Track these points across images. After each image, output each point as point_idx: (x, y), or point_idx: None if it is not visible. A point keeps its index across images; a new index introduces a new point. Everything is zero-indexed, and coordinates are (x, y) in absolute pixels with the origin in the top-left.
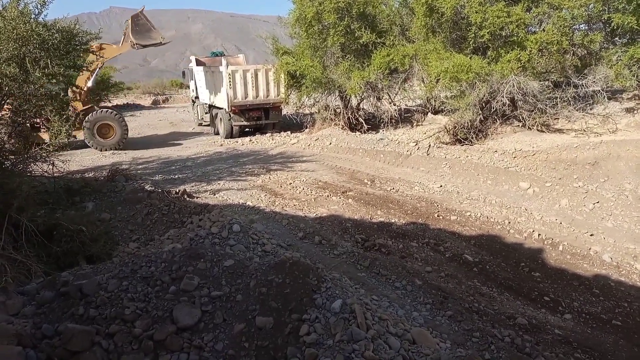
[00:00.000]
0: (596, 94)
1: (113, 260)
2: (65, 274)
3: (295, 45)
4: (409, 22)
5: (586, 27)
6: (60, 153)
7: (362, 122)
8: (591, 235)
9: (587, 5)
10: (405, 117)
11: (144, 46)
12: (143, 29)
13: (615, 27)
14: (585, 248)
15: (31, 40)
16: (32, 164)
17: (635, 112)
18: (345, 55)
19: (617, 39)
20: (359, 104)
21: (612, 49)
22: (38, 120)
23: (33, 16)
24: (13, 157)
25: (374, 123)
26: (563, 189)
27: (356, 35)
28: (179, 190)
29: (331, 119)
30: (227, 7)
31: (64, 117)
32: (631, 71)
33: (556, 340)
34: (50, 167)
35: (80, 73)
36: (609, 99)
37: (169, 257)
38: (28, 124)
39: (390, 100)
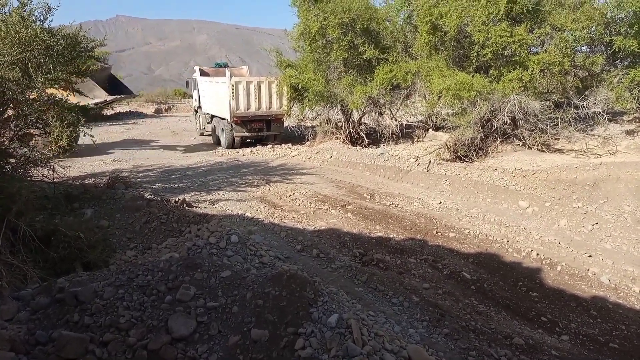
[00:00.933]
0: (597, 116)
1: (110, 268)
2: (61, 280)
3: (298, 59)
4: (412, 39)
5: (588, 49)
6: (61, 159)
7: (363, 137)
8: (589, 256)
9: (589, 27)
10: (406, 133)
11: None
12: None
13: (616, 50)
14: (583, 269)
15: (35, 45)
16: (33, 169)
17: (636, 134)
18: (348, 70)
19: (618, 61)
20: (360, 118)
21: (613, 71)
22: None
23: (38, 22)
24: (14, 161)
25: (375, 138)
26: (562, 209)
27: (359, 50)
28: (178, 199)
29: (332, 133)
30: (232, 19)
31: (66, 122)
32: (632, 94)
33: None
34: (51, 172)
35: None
36: (610, 120)
37: (166, 266)
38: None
39: (391, 115)
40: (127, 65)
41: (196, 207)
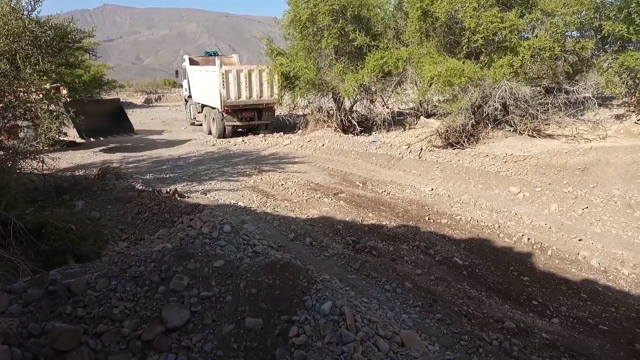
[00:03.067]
0: (587, 101)
1: (102, 260)
2: (54, 272)
3: (289, 47)
4: (403, 25)
5: (578, 34)
6: (51, 150)
7: (355, 125)
8: (580, 240)
9: (579, 12)
10: (397, 120)
11: None
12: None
13: (606, 35)
14: (573, 253)
15: (23, 36)
16: (22, 161)
17: (625, 119)
18: (339, 58)
19: (608, 46)
20: (352, 106)
21: (602, 56)
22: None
23: (26, 13)
24: (2, 153)
25: (366, 125)
26: (553, 194)
27: (350, 37)
28: (170, 190)
29: (324, 121)
30: (221, 7)
31: (54, 114)
32: (621, 78)
33: (544, 344)
34: (40, 164)
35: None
36: (599, 105)
37: (159, 256)
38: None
39: (383, 103)
40: (115, 55)
41: (188, 197)
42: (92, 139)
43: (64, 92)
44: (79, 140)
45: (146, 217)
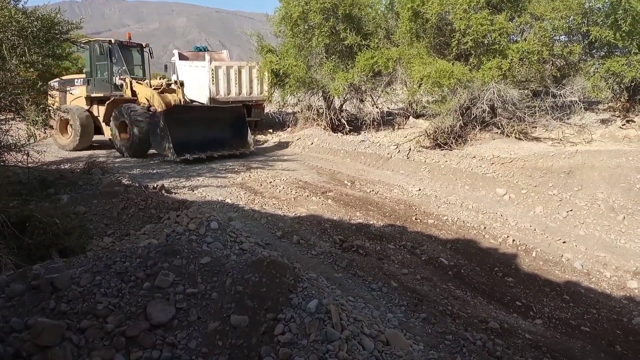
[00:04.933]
0: (573, 105)
1: (87, 255)
2: (37, 267)
3: (280, 44)
4: (394, 25)
5: (566, 39)
6: (36, 143)
7: (344, 124)
8: (564, 242)
9: (568, 17)
10: (387, 120)
11: None
12: None
13: (593, 40)
14: (557, 255)
15: (9, 27)
16: (6, 154)
17: (610, 123)
18: (330, 56)
19: (595, 51)
20: (341, 105)
21: (589, 61)
22: None
23: (12, 2)
24: None
25: (356, 125)
26: (538, 196)
27: (341, 36)
28: (157, 185)
29: (314, 119)
30: (212, 2)
31: (41, 107)
32: (607, 83)
33: (526, 344)
34: (25, 157)
35: None
36: (586, 109)
37: (144, 252)
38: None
39: (373, 102)
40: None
41: (175, 193)
42: (188, 157)
43: (155, 100)
44: (170, 155)
45: (132, 212)
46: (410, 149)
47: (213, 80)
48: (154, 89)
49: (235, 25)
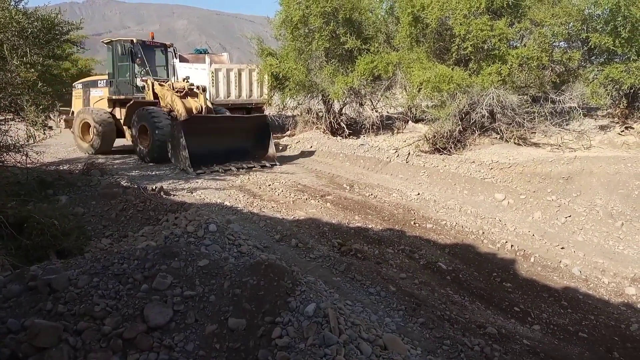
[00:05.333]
0: (572, 111)
1: (85, 256)
2: (35, 268)
3: (280, 47)
4: (394, 30)
5: (566, 45)
6: (35, 144)
7: (343, 127)
8: (562, 248)
9: (567, 23)
10: (386, 124)
11: None
12: None
13: (592, 47)
14: (555, 261)
15: (9, 27)
16: (5, 154)
17: (609, 129)
18: (330, 60)
19: (594, 58)
20: (341, 108)
21: (589, 67)
22: None
23: (13, 3)
24: None
25: (355, 129)
26: (537, 201)
27: (341, 40)
28: (156, 187)
29: (313, 123)
30: (213, 5)
31: (41, 107)
32: (606, 90)
33: (524, 350)
34: (24, 157)
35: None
36: (585, 115)
37: (143, 254)
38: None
39: (372, 106)
40: (104, 50)
41: (174, 195)
42: (206, 171)
43: (178, 108)
44: (182, 166)
45: (131, 214)
46: (409, 154)
47: (213, 83)
48: (176, 92)
49: (235, 28)
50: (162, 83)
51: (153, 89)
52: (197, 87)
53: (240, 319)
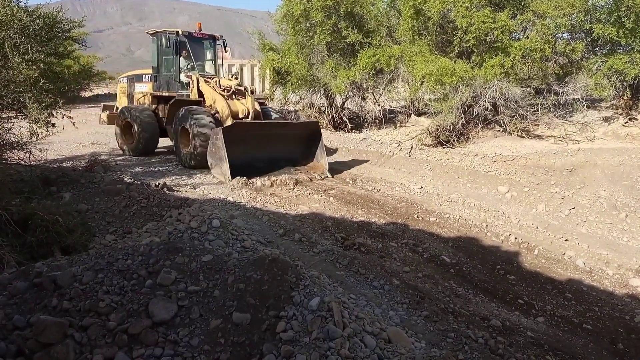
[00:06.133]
0: (576, 102)
1: (89, 252)
2: (39, 264)
3: (281, 42)
4: (396, 23)
5: (569, 36)
6: (38, 141)
7: (346, 121)
8: (566, 240)
9: (570, 14)
10: (389, 118)
11: None
12: None
13: (596, 38)
14: (559, 253)
15: (11, 25)
16: (8, 152)
17: (613, 121)
18: (332, 54)
19: (597, 49)
20: (343, 103)
21: (592, 58)
22: None
23: (14, 0)
24: None
25: (357, 123)
26: (540, 194)
27: (343, 34)
28: (159, 183)
29: (315, 117)
30: (214, 0)
31: (43, 104)
32: (610, 81)
33: (528, 342)
34: (27, 155)
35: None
36: (588, 107)
37: (147, 250)
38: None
39: (374, 100)
40: (105, 46)
41: (177, 191)
42: (243, 181)
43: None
44: (221, 178)
45: (134, 210)
46: (412, 147)
47: None
48: (222, 90)
49: (237, 23)
50: (208, 80)
51: (198, 86)
52: (246, 88)
53: (245, 314)
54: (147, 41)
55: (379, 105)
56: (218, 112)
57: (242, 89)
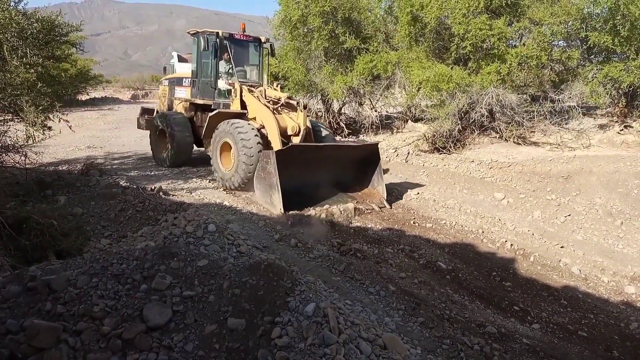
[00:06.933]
0: (571, 110)
1: (84, 256)
2: (34, 268)
3: (279, 47)
4: (393, 29)
5: (565, 44)
6: (34, 144)
7: (343, 127)
8: (561, 247)
9: (567, 22)
10: (385, 124)
11: None
12: None
13: (591, 45)
14: (555, 259)
15: (9, 28)
16: (4, 155)
17: (608, 128)
18: (329, 60)
19: (593, 57)
20: (340, 108)
21: (588, 66)
22: None
23: (12, 4)
24: None
25: (354, 128)
26: (536, 200)
27: (340, 40)
28: (155, 187)
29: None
30: (212, 4)
31: (40, 108)
32: (605, 89)
33: (524, 349)
34: (23, 158)
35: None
36: (584, 114)
37: (142, 254)
38: None
39: (371, 106)
40: (103, 50)
41: (173, 195)
42: (298, 219)
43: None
44: (275, 211)
45: (130, 214)
46: (408, 153)
47: None
48: (269, 101)
49: (234, 27)
50: (251, 89)
51: (241, 96)
52: (298, 102)
53: (240, 319)
54: (144, 45)
55: (376, 110)
56: (264, 127)
57: (294, 102)
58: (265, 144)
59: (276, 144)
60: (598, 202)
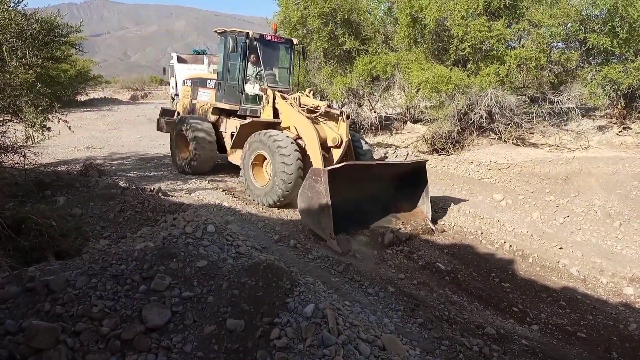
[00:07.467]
0: (570, 111)
1: (83, 257)
2: (32, 269)
3: None
4: (392, 31)
5: (563, 45)
6: (33, 145)
7: None
8: (560, 248)
9: (565, 24)
10: (385, 125)
11: None
12: None
13: (590, 47)
14: (554, 261)
15: (9, 28)
16: (3, 155)
17: (607, 130)
18: (328, 61)
19: (592, 58)
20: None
21: (587, 67)
22: None
23: (12, 4)
24: None
25: (353, 129)
26: (535, 202)
27: (340, 41)
28: (154, 188)
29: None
30: (211, 5)
31: (40, 108)
32: (604, 90)
33: (523, 350)
34: (22, 158)
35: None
36: (583, 116)
37: (141, 255)
38: None
39: (371, 107)
40: (102, 51)
41: (172, 196)
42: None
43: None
44: (323, 235)
45: (129, 215)
46: (407, 154)
47: None
48: (307, 110)
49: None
50: (285, 95)
51: (274, 103)
52: (342, 112)
53: (239, 320)
54: (143, 45)
55: (375, 112)
56: (300, 138)
57: (335, 111)
58: (302, 156)
59: (317, 158)
60: (597, 203)
